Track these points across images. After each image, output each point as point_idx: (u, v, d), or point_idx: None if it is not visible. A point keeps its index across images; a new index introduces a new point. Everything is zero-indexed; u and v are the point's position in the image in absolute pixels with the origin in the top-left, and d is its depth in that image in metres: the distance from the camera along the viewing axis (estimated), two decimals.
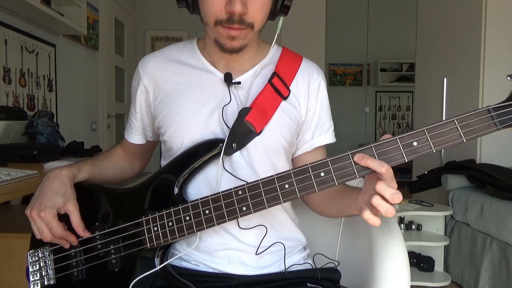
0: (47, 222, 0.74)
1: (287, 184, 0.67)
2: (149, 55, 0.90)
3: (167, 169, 0.81)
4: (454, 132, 0.61)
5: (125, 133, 0.97)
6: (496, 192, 2.21)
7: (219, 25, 0.74)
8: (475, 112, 0.61)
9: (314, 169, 0.66)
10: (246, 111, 0.79)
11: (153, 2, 4.40)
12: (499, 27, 2.51)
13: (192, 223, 0.72)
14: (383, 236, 0.88)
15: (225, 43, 0.77)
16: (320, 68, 0.92)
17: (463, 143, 0.61)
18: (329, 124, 0.90)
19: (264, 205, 0.69)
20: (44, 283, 0.79)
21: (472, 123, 0.61)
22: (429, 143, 0.62)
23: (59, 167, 0.81)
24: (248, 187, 0.69)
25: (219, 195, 0.71)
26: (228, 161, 0.81)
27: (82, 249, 0.79)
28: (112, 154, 0.98)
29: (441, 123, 0.61)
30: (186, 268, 0.83)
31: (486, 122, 0.61)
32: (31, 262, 0.80)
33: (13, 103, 2.11)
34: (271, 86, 0.83)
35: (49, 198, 0.75)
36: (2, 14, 2.02)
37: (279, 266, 0.84)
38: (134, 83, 0.91)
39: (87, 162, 0.87)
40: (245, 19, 0.73)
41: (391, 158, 0.63)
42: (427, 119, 3.17)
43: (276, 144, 0.83)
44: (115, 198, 0.83)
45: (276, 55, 0.89)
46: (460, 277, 2.34)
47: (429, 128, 0.62)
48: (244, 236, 0.81)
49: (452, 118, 0.61)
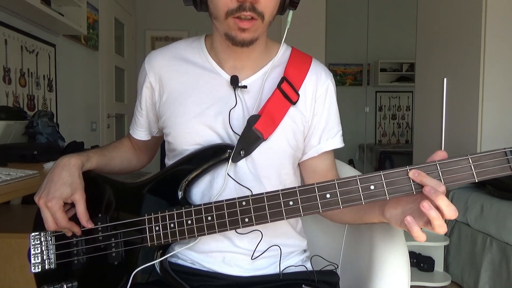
0: (53, 212, 0.75)
1: (292, 201, 0.67)
2: (156, 52, 0.89)
3: (173, 169, 0.81)
4: (467, 171, 0.61)
5: (130, 128, 0.97)
6: (496, 192, 2.21)
7: (230, 16, 0.73)
8: (491, 152, 0.60)
9: (320, 190, 0.66)
10: (255, 119, 0.78)
11: (153, 2, 4.40)
12: (499, 27, 2.51)
13: (193, 227, 0.72)
14: (385, 238, 0.87)
15: (236, 35, 0.75)
16: (329, 71, 0.90)
17: (473, 182, 0.61)
18: (337, 129, 0.88)
19: (266, 219, 0.68)
20: (44, 266, 0.80)
21: (487, 164, 0.60)
22: (440, 178, 0.61)
23: (69, 155, 0.81)
24: (252, 199, 0.69)
25: (222, 204, 0.71)
26: (232, 166, 0.80)
27: (84, 239, 0.80)
28: (120, 145, 0.98)
29: (455, 160, 0.61)
30: (182, 265, 0.84)
31: (501, 164, 0.60)
32: (33, 245, 0.81)
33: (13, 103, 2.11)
34: (280, 91, 0.81)
35: (57, 188, 0.76)
36: (2, 14, 2.02)
37: (275, 269, 0.84)
38: (140, 79, 0.91)
39: (96, 152, 0.87)
40: (257, 7, 0.72)
41: (400, 188, 0.63)
42: (427, 119, 3.17)
43: (281, 151, 0.82)
44: (121, 191, 0.83)
45: (285, 56, 0.87)
46: (460, 277, 2.34)
47: (442, 163, 0.61)
48: (241, 241, 0.81)
49: (467, 156, 0.61)
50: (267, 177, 0.81)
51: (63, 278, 0.80)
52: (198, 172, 0.79)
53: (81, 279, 0.80)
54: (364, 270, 0.89)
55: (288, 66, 0.84)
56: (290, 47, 0.89)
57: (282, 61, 0.85)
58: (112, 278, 0.79)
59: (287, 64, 0.84)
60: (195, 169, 0.79)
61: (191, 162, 0.80)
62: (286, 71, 0.83)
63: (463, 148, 2.71)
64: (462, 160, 0.60)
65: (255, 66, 0.84)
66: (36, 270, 0.80)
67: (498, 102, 2.53)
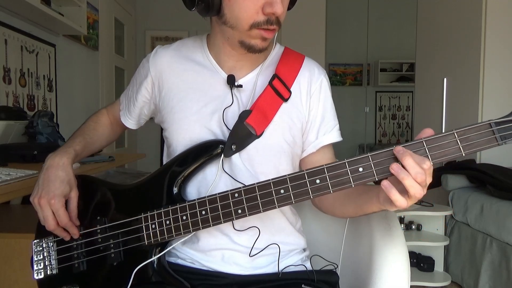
0: (56, 209, 0.77)
1: (283, 189, 0.68)
2: (162, 49, 0.90)
3: (168, 168, 0.82)
4: (453, 145, 0.60)
5: (121, 115, 0.98)
6: (496, 192, 2.21)
7: (255, 28, 0.75)
8: (476, 125, 0.60)
9: (310, 176, 0.66)
10: (247, 114, 0.80)
11: (153, 2, 4.40)
12: (499, 27, 2.51)
13: (188, 222, 0.74)
14: (385, 237, 0.87)
15: (256, 44, 0.78)
16: (322, 67, 0.92)
17: (462, 156, 0.60)
18: (334, 123, 0.89)
19: (259, 209, 0.69)
20: (47, 272, 0.82)
21: (473, 137, 0.60)
22: (427, 155, 0.61)
23: (58, 155, 0.82)
24: (244, 190, 0.70)
25: (215, 197, 0.72)
26: (228, 162, 0.81)
27: (84, 242, 0.81)
28: (98, 125, 0.99)
29: (440, 135, 0.61)
30: (182, 265, 0.84)
31: (487, 136, 0.59)
32: (35, 252, 0.83)
33: (13, 103, 2.11)
34: (271, 88, 0.83)
35: (57, 186, 0.78)
36: (2, 14, 2.01)
37: (274, 268, 0.84)
38: (141, 71, 0.92)
39: (80, 143, 0.89)
40: (281, 19, 0.76)
41: (388, 168, 0.62)
42: (427, 119, 3.17)
43: (276, 146, 0.83)
44: (117, 193, 0.84)
45: (278, 55, 0.89)
46: (460, 277, 2.34)
47: (427, 140, 0.61)
48: (239, 238, 0.82)
49: (452, 131, 0.60)
50: (265, 173, 0.82)
51: (65, 282, 0.81)
52: (192, 169, 0.80)
53: (82, 282, 0.81)
54: (364, 270, 0.89)
55: (279, 65, 0.86)
56: (283, 47, 0.92)
57: (275, 60, 0.88)
58: (113, 279, 0.79)
59: (279, 62, 0.87)
60: (188, 166, 0.80)
61: (184, 160, 0.81)
62: (278, 69, 0.85)
63: None
64: (447, 135, 0.60)
65: (251, 65, 0.86)
66: (39, 277, 0.81)
67: (498, 102, 2.53)
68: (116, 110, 1.00)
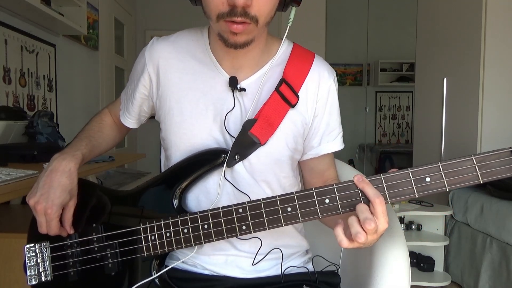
0: (50, 219, 0.73)
1: (290, 207, 0.65)
2: (159, 42, 0.85)
3: (168, 175, 0.79)
4: (471, 172, 0.57)
5: (121, 115, 0.94)
6: (496, 192, 2.21)
7: (221, 19, 0.68)
8: (496, 152, 0.57)
9: (319, 195, 0.63)
10: (251, 124, 0.76)
11: (153, 2, 4.39)
12: (499, 27, 2.51)
13: (190, 236, 0.71)
14: (385, 237, 0.87)
15: (228, 38, 0.71)
16: (332, 69, 0.85)
17: (479, 184, 0.58)
18: (338, 130, 0.86)
19: (264, 226, 0.67)
20: (41, 279, 0.78)
21: (493, 164, 0.57)
22: (443, 180, 0.58)
23: (66, 159, 0.77)
24: (249, 206, 0.67)
25: (218, 211, 0.69)
26: (229, 171, 0.78)
27: (80, 250, 0.78)
28: (103, 126, 0.94)
29: (458, 161, 0.58)
30: (183, 270, 0.83)
31: (508, 164, 0.56)
32: (28, 257, 0.79)
33: (13, 103, 2.11)
34: (278, 94, 0.77)
35: (58, 195, 0.73)
36: (2, 14, 2.01)
37: (277, 270, 0.83)
38: (138, 67, 0.88)
39: (86, 146, 0.84)
40: (249, 11, 0.67)
41: (401, 192, 0.60)
42: (427, 119, 3.17)
43: (280, 155, 0.80)
44: (115, 200, 0.81)
45: (286, 54, 0.82)
46: (460, 277, 2.34)
47: (444, 164, 0.58)
48: (242, 245, 0.80)
49: (471, 157, 0.57)
50: (266, 181, 0.80)
51: None
52: (193, 178, 0.77)
53: None
54: (364, 271, 0.89)
55: (288, 66, 0.80)
56: (292, 43, 0.85)
57: (282, 60, 0.81)
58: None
59: (287, 64, 0.80)
60: (189, 175, 0.77)
61: (186, 168, 0.78)
62: (286, 72, 0.79)
63: (463, 148, 2.71)
64: (466, 161, 0.58)
65: (254, 66, 0.81)
66: (32, 283, 0.78)
67: (498, 102, 2.53)
68: (117, 109, 0.96)
